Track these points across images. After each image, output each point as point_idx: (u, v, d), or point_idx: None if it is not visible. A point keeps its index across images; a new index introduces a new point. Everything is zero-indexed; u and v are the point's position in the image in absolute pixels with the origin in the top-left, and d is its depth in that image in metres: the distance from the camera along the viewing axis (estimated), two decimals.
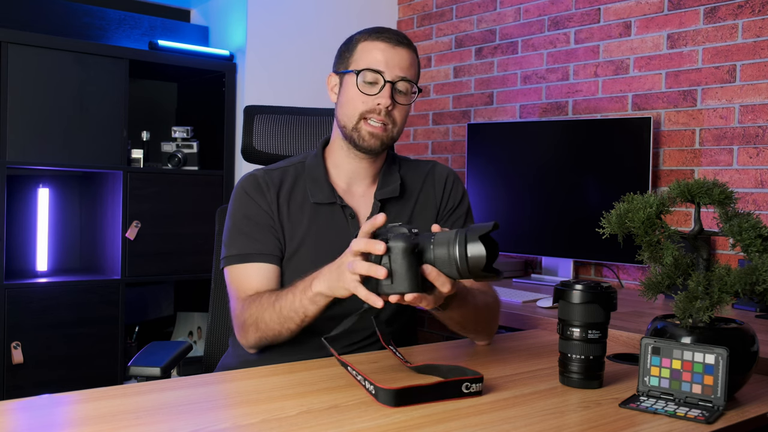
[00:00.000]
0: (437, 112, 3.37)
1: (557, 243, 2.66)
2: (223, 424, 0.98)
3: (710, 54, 2.41)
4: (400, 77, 1.44)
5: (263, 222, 1.47)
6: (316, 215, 1.49)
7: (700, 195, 1.14)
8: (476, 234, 1.11)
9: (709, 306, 1.09)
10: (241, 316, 1.40)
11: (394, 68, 1.44)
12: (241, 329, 1.41)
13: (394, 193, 1.52)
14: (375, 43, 1.46)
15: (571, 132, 2.65)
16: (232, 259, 1.46)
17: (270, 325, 1.35)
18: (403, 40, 1.47)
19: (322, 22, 3.26)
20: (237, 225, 1.48)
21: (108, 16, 2.99)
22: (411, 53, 1.47)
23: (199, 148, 2.93)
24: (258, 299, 1.38)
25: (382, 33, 1.47)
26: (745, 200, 2.33)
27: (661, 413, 1.04)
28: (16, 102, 2.52)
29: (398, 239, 1.13)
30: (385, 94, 1.42)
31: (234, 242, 1.47)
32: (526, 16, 2.99)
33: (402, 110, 1.47)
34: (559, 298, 1.19)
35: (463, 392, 1.09)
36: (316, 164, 1.52)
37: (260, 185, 1.49)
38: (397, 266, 1.12)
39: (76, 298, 2.64)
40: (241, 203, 1.49)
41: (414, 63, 1.48)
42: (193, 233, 2.84)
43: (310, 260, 1.45)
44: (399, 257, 1.12)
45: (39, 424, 0.97)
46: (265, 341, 1.39)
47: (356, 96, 1.44)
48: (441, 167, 1.62)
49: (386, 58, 1.44)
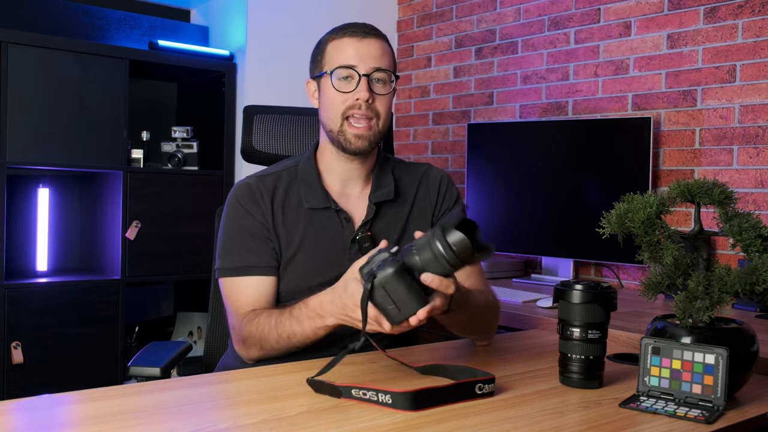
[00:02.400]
0: (437, 112, 3.37)
1: (557, 243, 2.66)
2: (223, 424, 0.98)
3: (710, 54, 2.41)
4: (374, 68, 1.43)
5: (258, 233, 1.45)
6: (311, 220, 1.48)
7: (700, 195, 1.14)
8: (450, 224, 1.09)
9: (709, 306, 1.09)
10: (240, 333, 1.39)
11: (367, 60, 1.43)
12: (242, 344, 1.40)
13: (389, 195, 1.51)
14: (343, 40, 1.45)
15: (571, 132, 2.65)
16: (228, 272, 1.45)
17: (275, 347, 1.35)
18: (370, 31, 1.46)
19: (322, 22, 3.24)
20: (231, 236, 1.47)
21: (108, 16, 2.99)
22: (381, 42, 1.46)
23: (199, 148, 2.93)
24: (257, 318, 1.37)
25: (348, 28, 1.46)
26: (745, 200, 2.33)
27: (661, 413, 1.04)
28: (16, 102, 2.52)
29: (383, 267, 1.11)
30: (362, 88, 1.41)
31: (228, 254, 1.46)
32: (526, 16, 2.99)
33: (383, 100, 1.45)
34: (559, 298, 1.19)
35: (477, 393, 1.09)
36: (308, 168, 1.51)
37: (254, 194, 1.47)
38: (396, 294, 1.11)
39: (76, 298, 2.64)
40: (234, 213, 1.48)
41: (386, 51, 1.46)
42: (193, 233, 2.84)
43: (307, 266, 1.46)
44: (393, 284, 1.10)
45: (39, 424, 0.97)
46: (267, 357, 1.39)
47: (335, 96, 1.43)
48: (435, 170, 1.61)
49: (357, 52, 1.43)
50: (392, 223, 1.51)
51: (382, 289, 1.11)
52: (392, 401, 1.03)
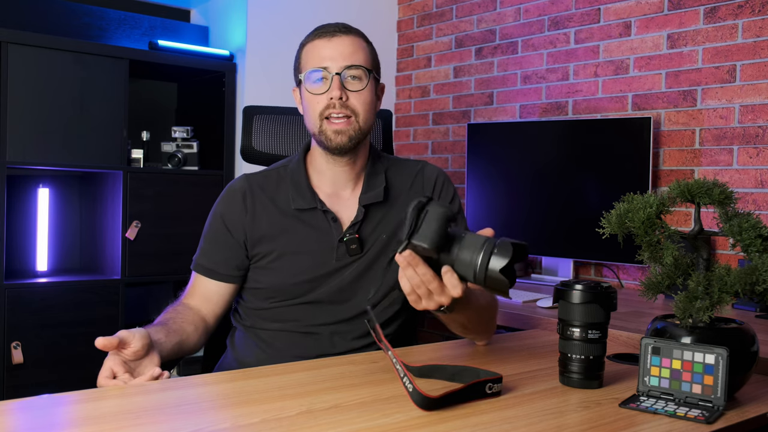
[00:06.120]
0: (437, 112, 3.37)
1: (557, 243, 2.66)
2: (223, 424, 0.98)
3: (710, 54, 2.41)
4: (345, 66, 1.43)
5: (223, 240, 1.52)
6: (298, 220, 1.49)
7: (700, 195, 1.14)
8: (503, 250, 1.10)
9: (709, 306, 1.09)
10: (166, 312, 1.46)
11: (337, 59, 1.43)
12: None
13: (378, 197, 1.51)
14: (314, 42, 1.46)
15: (571, 132, 2.65)
16: (197, 267, 1.54)
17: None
18: (340, 29, 1.46)
19: (322, 23, 3.25)
20: (205, 235, 1.57)
21: (108, 16, 2.98)
22: (353, 38, 1.46)
23: (199, 148, 2.93)
24: (173, 311, 1.45)
25: (320, 29, 1.48)
26: (745, 200, 2.32)
27: (661, 413, 1.04)
28: (16, 102, 2.52)
29: (438, 205, 1.13)
30: (334, 87, 1.42)
31: (201, 248, 1.56)
32: (526, 16, 2.99)
33: (359, 97, 1.44)
34: (559, 298, 1.19)
35: (487, 393, 1.10)
36: (297, 169, 1.53)
37: (238, 198, 1.52)
38: (427, 222, 1.11)
39: (76, 298, 2.64)
40: (217, 213, 1.55)
41: (359, 47, 1.46)
42: (193, 233, 2.80)
43: (292, 264, 1.48)
44: (433, 216, 1.11)
45: (39, 424, 0.97)
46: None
47: (311, 99, 1.44)
48: (431, 168, 1.61)
49: (327, 53, 1.44)
50: (382, 224, 1.51)
51: (428, 212, 1.12)
52: (411, 391, 1.03)
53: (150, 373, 1.19)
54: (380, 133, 1.92)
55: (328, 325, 1.49)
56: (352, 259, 1.49)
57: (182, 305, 1.49)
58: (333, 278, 1.48)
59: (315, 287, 1.48)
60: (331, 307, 1.49)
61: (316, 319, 1.49)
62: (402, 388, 1.07)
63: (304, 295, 1.48)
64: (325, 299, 1.48)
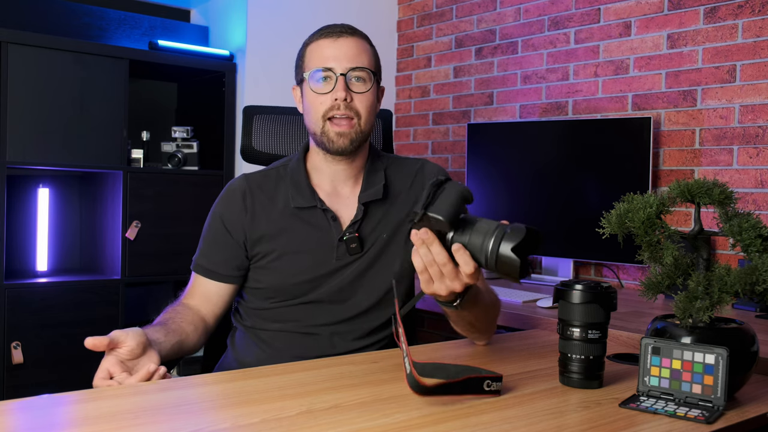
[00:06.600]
0: (437, 112, 3.37)
1: (557, 243, 2.65)
2: (223, 424, 0.98)
3: (710, 54, 2.41)
4: (350, 67, 1.43)
5: (222, 241, 1.51)
6: (297, 219, 1.49)
7: (700, 195, 1.14)
8: (513, 234, 1.11)
9: (709, 306, 1.09)
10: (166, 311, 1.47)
11: (342, 60, 1.43)
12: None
13: (377, 195, 1.51)
14: (319, 42, 1.46)
15: (571, 132, 2.65)
16: (197, 268, 1.53)
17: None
18: (346, 30, 1.46)
19: (322, 23, 3.23)
20: (205, 235, 1.56)
21: (108, 16, 2.98)
22: (358, 40, 1.47)
23: (199, 148, 2.93)
24: (170, 308, 1.46)
25: (325, 30, 1.47)
26: (745, 200, 2.32)
27: (661, 413, 1.04)
28: (16, 102, 2.52)
29: (456, 183, 1.15)
30: (339, 87, 1.42)
31: (200, 249, 1.56)
32: (526, 16, 2.99)
33: (363, 99, 1.45)
34: (559, 298, 1.19)
35: (485, 390, 1.10)
36: (297, 168, 1.53)
37: (237, 198, 1.52)
38: (444, 197, 1.13)
39: (76, 298, 2.64)
40: (216, 213, 1.55)
41: (364, 49, 1.47)
42: (193, 233, 2.80)
43: (292, 263, 1.49)
44: (451, 192, 1.13)
45: (39, 424, 0.97)
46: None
47: (314, 99, 1.44)
48: (431, 165, 1.61)
49: (332, 53, 1.43)
50: (382, 223, 1.51)
51: (446, 188, 1.14)
52: (408, 373, 1.05)
53: (146, 368, 1.18)
54: (380, 133, 1.92)
55: (328, 326, 1.49)
56: (353, 259, 1.49)
57: (182, 305, 1.49)
58: (333, 278, 1.48)
59: (315, 287, 1.48)
60: (331, 307, 1.49)
61: (316, 319, 1.49)
62: (402, 386, 1.07)
63: (304, 294, 1.48)
64: (325, 299, 1.48)
